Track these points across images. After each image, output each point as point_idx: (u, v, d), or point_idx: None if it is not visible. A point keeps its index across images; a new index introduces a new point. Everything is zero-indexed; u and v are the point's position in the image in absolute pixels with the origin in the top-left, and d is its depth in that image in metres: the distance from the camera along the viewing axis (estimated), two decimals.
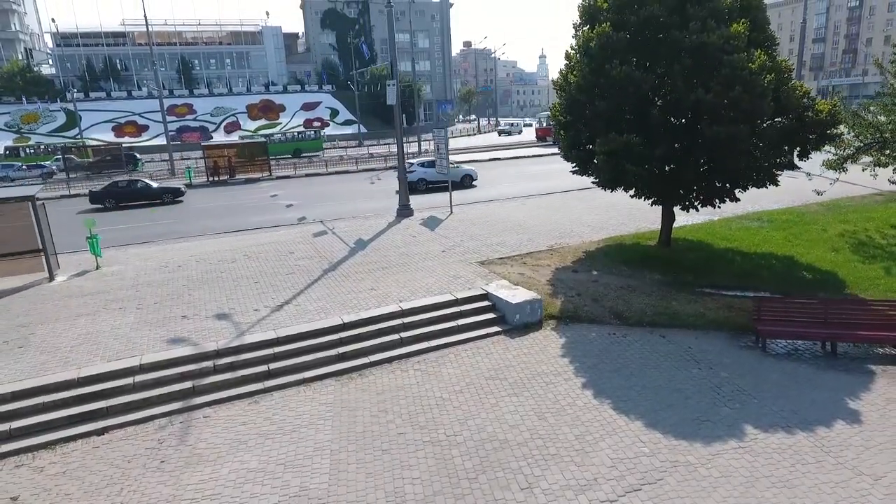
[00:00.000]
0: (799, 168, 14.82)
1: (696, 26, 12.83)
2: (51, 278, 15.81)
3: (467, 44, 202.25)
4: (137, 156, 50.13)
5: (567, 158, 15.82)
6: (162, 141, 70.20)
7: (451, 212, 22.94)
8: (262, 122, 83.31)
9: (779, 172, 14.46)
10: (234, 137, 79.55)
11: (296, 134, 61.35)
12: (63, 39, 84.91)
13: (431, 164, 28.42)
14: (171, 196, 30.53)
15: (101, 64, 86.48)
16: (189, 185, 35.85)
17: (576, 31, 15.24)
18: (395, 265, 15.81)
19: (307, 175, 38.99)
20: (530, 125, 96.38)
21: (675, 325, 12.05)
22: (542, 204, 24.12)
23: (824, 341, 10.74)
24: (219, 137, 79.04)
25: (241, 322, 12.08)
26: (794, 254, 15.67)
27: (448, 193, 23.51)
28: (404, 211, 22.74)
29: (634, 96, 13.20)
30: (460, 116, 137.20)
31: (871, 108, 17.08)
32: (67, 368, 10.20)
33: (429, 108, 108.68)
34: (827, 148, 15.49)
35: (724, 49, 12.49)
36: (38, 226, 15.62)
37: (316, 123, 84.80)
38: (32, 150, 55.73)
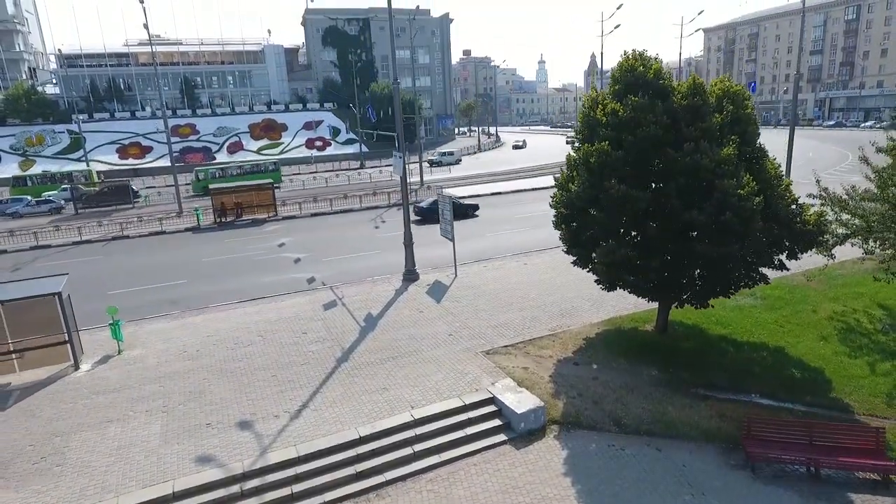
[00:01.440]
0: (788, 269, 15.61)
1: (690, 147, 13.62)
2: (76, 367, 16.60)
3: (467, 52, 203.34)
4: (135, 189, 50.72)
5: (568, 252, 16.59)
6: (166, 162, 71.27)
7: (456, 275, 23.75)
8: (265, 141, 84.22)
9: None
10: (236, 158, 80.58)
11: (251, 166, 59.34)
12: (67, 60, 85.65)
13: None
14: (472, 210, 36.66)
15: (105, 83, 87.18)
16: (198, 229, 36.67)
17: (576, 134, 16.03)
18: (404, 353, 16.58)
19: (312, 215, 39.77)
20: (520, 146, 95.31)
21: (671, 435, 12.85)
22: (543, 265, 24.80)
23: (808, 466, 11.53)
24: (222, 158, 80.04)
25: (263, 433, 12.85)
26: (784, 344, 16.46)
27: (452, 251, 24.22)
28: (410, 276, 23.54)
29: (632, 211, 14.00)
30: (463, 129, 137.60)
31: (856, 198, 17.73)
32: (105, 496, 10.98)
33: (429, 122, 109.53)
34: None
35: (716, 173, 13.29)
36: (64, 318, 16.38)
37: (318, 143, 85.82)
38: (39, 179, 56.42)
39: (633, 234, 14.80)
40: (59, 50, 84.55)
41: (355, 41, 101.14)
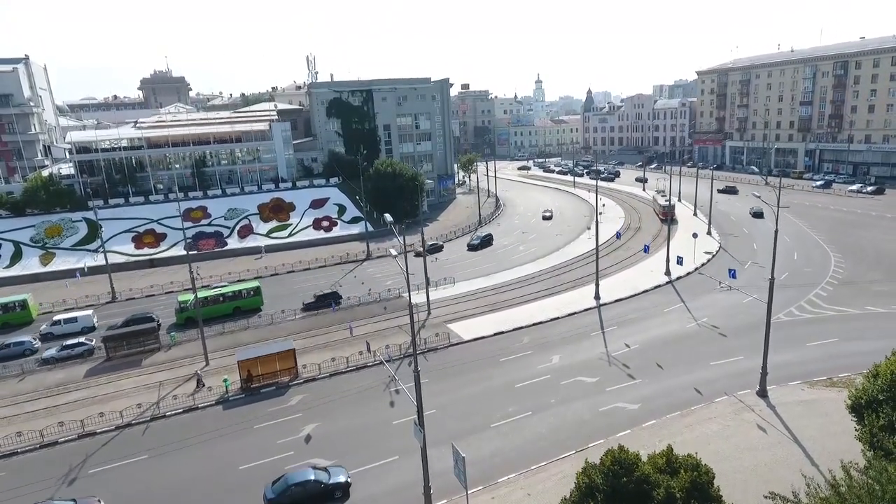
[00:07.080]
0: None
1: None
2: None
3: (465, 86, 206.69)
4: (160, 323, 53.93)
5: None
6: (180, 251, 75.13)
7: None
8: (274, 223, 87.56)
9: None
10: (247, 242, 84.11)
11: (233, 293, 58.03)
12: (80, 144, 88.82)
13: None
14: None
15: (118, 163, 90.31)
16: (227, 402, 39.95)
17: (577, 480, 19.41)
18: None
19: (331, 375, 43.04)
20: (549, 217, 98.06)
21: None
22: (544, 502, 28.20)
23: None
24: (233, 243, 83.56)
25: None
26: None
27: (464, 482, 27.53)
28: None
29: None
30: (462, 177, 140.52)
31: None
32: None
33: (430, 187, 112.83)
34: None
35: None
36: None
37: (325, 223, 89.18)
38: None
39: None
40: (73, 146, 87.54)
41: (359, 111, 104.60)
